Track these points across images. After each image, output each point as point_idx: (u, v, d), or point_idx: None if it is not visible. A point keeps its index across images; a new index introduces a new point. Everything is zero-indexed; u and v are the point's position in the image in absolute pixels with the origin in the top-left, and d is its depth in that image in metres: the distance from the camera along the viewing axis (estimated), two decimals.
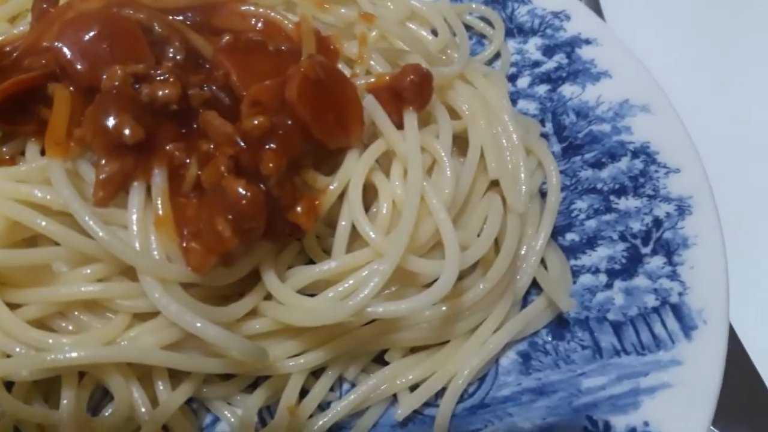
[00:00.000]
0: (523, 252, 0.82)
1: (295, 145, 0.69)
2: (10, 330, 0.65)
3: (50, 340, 0.65)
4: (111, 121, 0.64)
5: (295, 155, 0.69)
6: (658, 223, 0.85)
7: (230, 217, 0.63)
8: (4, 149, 0.74)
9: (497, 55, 1.05)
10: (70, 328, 0.67)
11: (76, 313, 0.67)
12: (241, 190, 0.63)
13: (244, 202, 0.63)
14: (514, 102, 1.00)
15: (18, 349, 0.65)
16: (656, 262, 0.82)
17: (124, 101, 0.65)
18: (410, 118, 0.75)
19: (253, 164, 0.67)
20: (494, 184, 0.83)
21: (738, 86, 1.13)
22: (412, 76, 0.74)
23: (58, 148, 0.66)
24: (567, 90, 1.00)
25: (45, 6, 0.78)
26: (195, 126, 0.70)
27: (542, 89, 1.01)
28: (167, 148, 0.66)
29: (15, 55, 0.77)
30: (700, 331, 0.75)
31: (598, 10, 1.21)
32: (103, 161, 0.64)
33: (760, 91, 1.12)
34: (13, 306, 0.67)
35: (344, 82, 0.75)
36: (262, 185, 0.67)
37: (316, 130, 0.70)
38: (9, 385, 0.68)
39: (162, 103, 0.66)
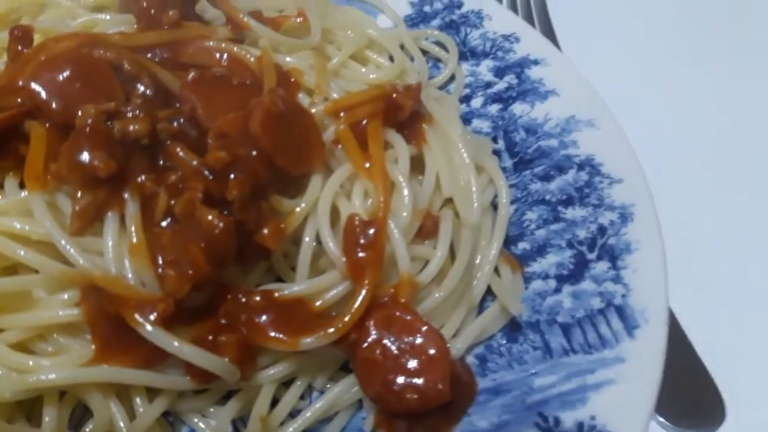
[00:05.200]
0: (477, 262, 0.88)
1: (259, 173, 0.74)
2: None
3: (31, 363, 0.69)
4: (85, 157, 0.69)
5: (259, 182, 0.74)
6: (602, 230, 0.91)
7: (203, 245, 0.68)
8: None
9: (452, 77, 1.12)
10: (50, 349, 0.71)
11: (55, 335, 0.71)
12: (213, 220, 0.68)
13: (216, 231, 0.68)
14: (468, 121, 1.07)
15: (0, 372, 0.69)
16: (601, 267, 0.88)
17: (96, 138, 0.70)
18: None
19: (219, 192, 0.72)
20: (449, 201, 0.89)
21: (678, 100, 1.21)
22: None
23: (37, 183, 0.71)
24: (517, 108, 1.06)
25: (20, 47, 0.83)
26: (164, 158, 0.75)
27: (494, 108, 1.07)
28: (138, 179, 0.71)
29: None
30: (642, 329, 0.81)
31: (551, 34, 1.28)
32: (79, 194, 0.70)
33: (698, 103, 1.20)
34: None
35: (303, 112, 0.81)
36: (226, 212, 0.72)
37: (279, 159, 0.76)
38: None
39: (133, 138, 0.71)
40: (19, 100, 0.78)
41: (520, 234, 0.94)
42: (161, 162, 0.75)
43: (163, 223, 0.72)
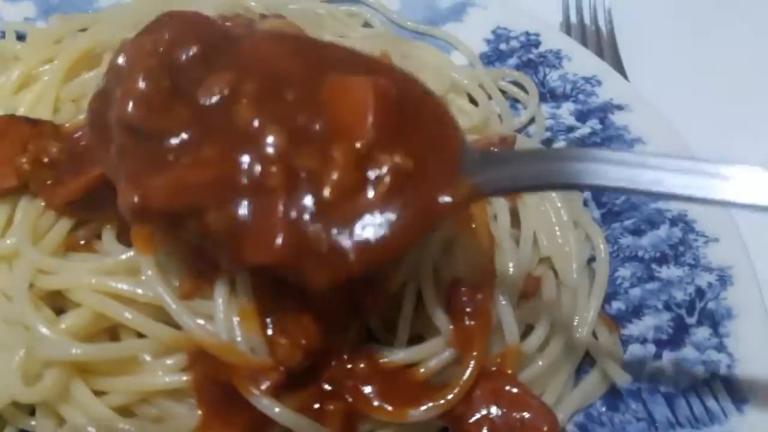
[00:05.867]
0: (575, 323, 0.85)
1: None
2: (99, 418, 0.67)
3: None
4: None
5: None
6: (701, 292, 0.88)
7: (314, 312, 0.66)
8: (78, 234, 0.76)
9: (532, 119, 1.09)
10: (154, 412, 0.69)
11: (160, 400, 0.69)
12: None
13: (328, 298, 0.66)
14: None
15: None
16: (702, 333, 0.85)
17: None
18: None
19: None
20: (544, 258, 0.86)
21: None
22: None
23: (146, 244, 0.68)
24: None
25: None
26: None
27: None
28: None
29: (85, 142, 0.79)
30: (750, 404, 0.78)
31: (620, 70, 1.25)
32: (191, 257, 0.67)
33: None
34: (98, 393, 0.68)
35: None
36: None
37: None
38: None
39: None
40: None
41: (613, 292, 0.90)
42: None
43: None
